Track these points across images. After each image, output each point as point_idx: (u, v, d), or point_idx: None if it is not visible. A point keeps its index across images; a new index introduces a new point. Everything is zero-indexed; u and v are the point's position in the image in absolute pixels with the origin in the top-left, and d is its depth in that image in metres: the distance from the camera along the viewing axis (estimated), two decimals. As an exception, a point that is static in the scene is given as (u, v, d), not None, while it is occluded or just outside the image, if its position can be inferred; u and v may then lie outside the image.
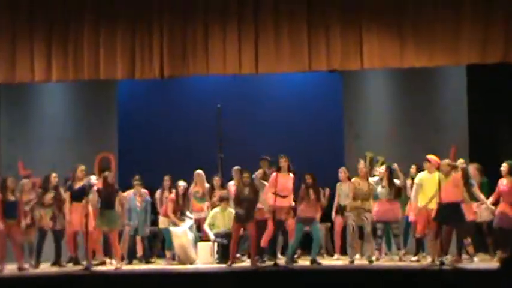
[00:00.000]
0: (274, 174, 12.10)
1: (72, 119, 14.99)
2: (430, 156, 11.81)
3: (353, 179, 12.44)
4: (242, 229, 12.23)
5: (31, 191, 12.77)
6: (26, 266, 12.23)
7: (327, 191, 12.90)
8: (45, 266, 12.77)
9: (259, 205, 12.27)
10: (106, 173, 12.44)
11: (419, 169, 12.20)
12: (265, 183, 12.34)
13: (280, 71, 12.93)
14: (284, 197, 11.98)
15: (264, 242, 12.04)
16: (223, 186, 13.22)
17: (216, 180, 13.15)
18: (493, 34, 12.22)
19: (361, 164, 12.54)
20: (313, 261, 11.93)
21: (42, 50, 12.81)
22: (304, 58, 12.56)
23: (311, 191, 12.07)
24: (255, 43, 12.61)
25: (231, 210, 12.48)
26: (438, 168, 11.62)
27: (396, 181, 12.58)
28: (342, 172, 12.84)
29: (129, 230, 13.03)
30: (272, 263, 11.79)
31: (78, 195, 12.31)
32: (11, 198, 12.18)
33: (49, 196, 12.77)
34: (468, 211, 11.75)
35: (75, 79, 13.08)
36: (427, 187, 11.69)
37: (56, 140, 14.69)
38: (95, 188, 12.38)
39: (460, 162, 12.03)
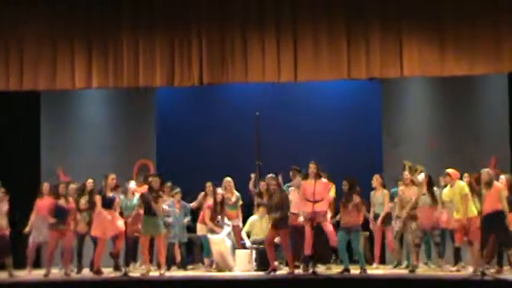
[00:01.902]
0: (302, 182, 11.94)
1: (111, 126, 15.12)
2: (450, 170, 11.60)
3: (400, 188, 12.29)
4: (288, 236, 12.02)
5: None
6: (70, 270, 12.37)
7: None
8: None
9: (294, 211, 12.10)
10: (151, 179, 12.33)
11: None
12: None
13: (319, 79, 12.95)
14: (316, 202, 11.70)
15: (307, 249, 11.74)
16: (260, 193, 13.03)
17: (263, 185, 12.93)
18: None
19: (406, 172, 12.30)
20: (361, 270, 11.71)
21: (82, 57, 12.91)
22: (344, 66, 12.52)
23: (347, 198, 11.83)
24: (294, 51, 12.60)
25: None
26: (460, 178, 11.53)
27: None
28: (375, 179, 12.72)
29: (169, 237, 12.87)
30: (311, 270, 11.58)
31: (109, 203, 12.22)
32: (61, 204, 12.24)
33: (83, 201, 12.77)
34: None
35: (115, 86, 13.14)
36: (455, 199, 11.51)
37: (95, 147, 14.81)
38: (130, 194, 12.49)
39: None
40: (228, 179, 13.07)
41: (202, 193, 13.19)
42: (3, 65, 12.83)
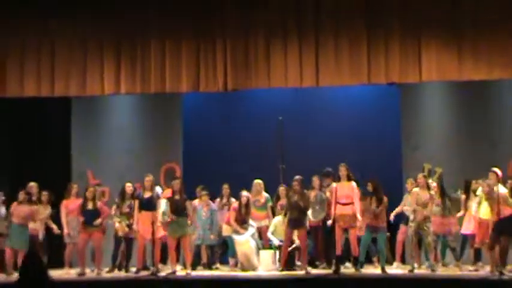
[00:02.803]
0: (334, 184, 12.05)
1: (138, 131, 15.14)
2: (496, 169, 11.45)
3: (413, 190, 12.30)
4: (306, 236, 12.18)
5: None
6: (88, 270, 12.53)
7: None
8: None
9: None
10: (172, 182, 12.51)
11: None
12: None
13: (341, 84, 12.98)
14: (345, 204, 11.84)
15: (337, 250, 11.88)
16: (278, 196, 13.21)
17: (281, 189, 13.05)
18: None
19: (420, 175, 12.37)
20: (382, 269, 11.87)
21: (111, 63, 13.00)
22: (364, 71, 12.55)
23: (371, 199, 11.97)
24: (316, 56, 12.63)
25: None
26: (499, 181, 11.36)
27: (454, 195, 12.42)
28: (409, 183, 12.76)
29: (195, 238, 13.03)
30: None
31: (147, 205, 12.36)
32: (90, 207, 12.41)
33: (126, 205, 12.83)
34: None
35: (142, 92, 13.23)
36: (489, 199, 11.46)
37: (123, 151, 14.84)
38: (164, 197, 12.52)
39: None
40: (259, 181, 13.18)
41: (224, 198, 13.39)
42: (36, 71, 12.92)
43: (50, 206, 12.91)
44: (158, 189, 12.87)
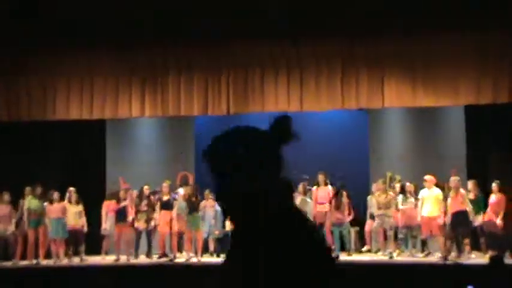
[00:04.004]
0: (315, 188, 12.32)
1: (159, 146, 15.09)
2: (428, 177, 11.82)
3: (376, 193, 12.47)
4: None
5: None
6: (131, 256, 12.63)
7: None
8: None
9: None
10: (184, 188, 12.79)
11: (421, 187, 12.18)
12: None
13: (320, 109, 12.99)
14: (321, 203, 12.19)
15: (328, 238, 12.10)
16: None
17: None
18: (486, 77, 12.17)
19: (380, 181, 12.60)
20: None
21: (137, 93, 13.05)
22: (339, 98, 12.63)
23: (342, 201, 12.30)
24: (300, 87, 12.71)
25: None
26: (436, 185, 11.67)
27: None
28: (374, 186, 12.84)
29: (203, 232, 13.15)
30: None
31: (165, 205, 12.57)
32: (123, 204, 12.61)
33: (143, 203, 13.00)
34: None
35: (163, 115, 13.33)
36: (428, 200, 11.73)
37: (147, 162, 14.79)
38: (181, 198, 12.68)
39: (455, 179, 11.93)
40: None
41: None
42: (78, 99, 13.06)
43: (79, 205, 12.80)
44: (180, 190, 13.02)
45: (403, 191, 12.50)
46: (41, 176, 13.07)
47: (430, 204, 11.70)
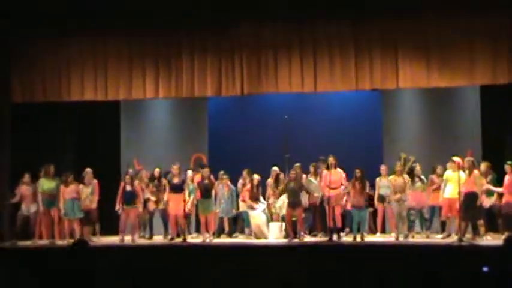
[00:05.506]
0: (326, 171, 12.18)
1: (173, 128, 15.05)
2: (456, 158, 11.54)
3: (391, 177, 12.29)
4: (302, 213, 12.28)
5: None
6: (136, 237, 12.50)
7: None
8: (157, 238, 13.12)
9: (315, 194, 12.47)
10: (202, 170, 12.63)
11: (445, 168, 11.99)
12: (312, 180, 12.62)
13: (334, 90, 12.87)
14: (334, 188, 12.04)
15: (329, 223, 12.06)
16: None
17: (281, 176, 12.97)
18: (501, 57, 12.02)
19: (398, 164, 12.48)
20: (361, 237, 11.97)
21: (151, 73, 12.92)
22: (352, 79, 12.48)
23: (357, 183, 12.10)
24: (314, 68, 12.58)
25: None
26: (459, 167, 11.41)
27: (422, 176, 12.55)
28: (383, 168, 12.70)
29: (219, 212, 13.14)
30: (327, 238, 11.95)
31: (176, 187, 12.46)
32: (128, 188, 12.43)
33: (152, 185, 12.96)
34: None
35: (176, 96, 13.19)
36: (452, 182, 11.52)
37: (161, 143, 14.78)
38: (195, 182, 12.62)
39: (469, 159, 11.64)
40: (275, 168, 13.11)
41: (241, 180, 13.35)
42: (93, 81, 12.96)
43: (90, 185, 12.63)
44: (189, 172, 12.95)
45: (411, 174, 12.31)
46: (55, 158, 13.05)
47: (452, 186, 11.46)
